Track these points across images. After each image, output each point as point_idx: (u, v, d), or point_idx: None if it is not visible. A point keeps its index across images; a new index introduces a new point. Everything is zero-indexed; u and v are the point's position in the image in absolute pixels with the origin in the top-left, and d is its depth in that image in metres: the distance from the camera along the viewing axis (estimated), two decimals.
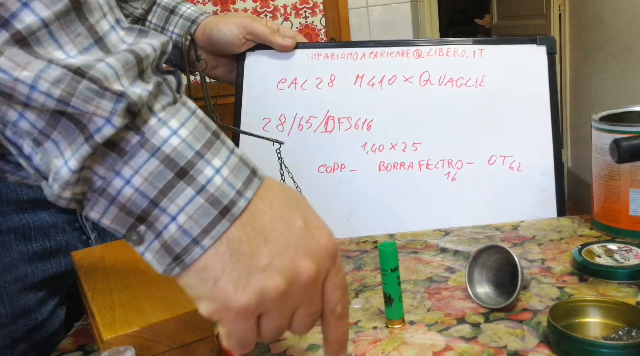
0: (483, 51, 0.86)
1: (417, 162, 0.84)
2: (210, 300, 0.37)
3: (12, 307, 0.60)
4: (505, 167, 0.83)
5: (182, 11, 0.87)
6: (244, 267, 0.36)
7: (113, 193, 0.36)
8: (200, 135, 0.37)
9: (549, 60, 0.85)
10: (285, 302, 0.38)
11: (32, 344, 0.62)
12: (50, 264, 0.65)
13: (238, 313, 0.37)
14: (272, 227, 0.38)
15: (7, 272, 0.60)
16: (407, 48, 0.88)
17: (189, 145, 0.36)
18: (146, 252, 0.37)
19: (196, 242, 0.36)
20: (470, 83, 0.85)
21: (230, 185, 0.37)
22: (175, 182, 0.35)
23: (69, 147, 0.34)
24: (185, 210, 0.35)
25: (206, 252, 0.36)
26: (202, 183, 0.36)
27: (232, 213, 0.36)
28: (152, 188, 0.35)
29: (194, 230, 0.36)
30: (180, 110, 0.37)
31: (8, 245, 0.61)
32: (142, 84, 0.35)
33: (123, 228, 0.37)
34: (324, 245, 0.40)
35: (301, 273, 0.38)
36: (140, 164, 0.35)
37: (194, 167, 0.36)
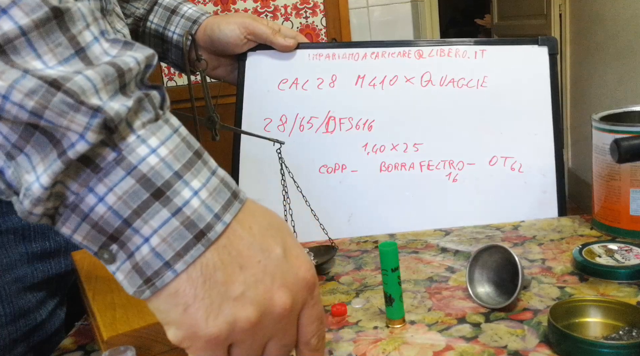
0: (484, 52, 0.86)
1: (418, 162, 0.84)
2: (179, 326, 0.36)
3: (11, 308, 0.60)
4: (507, 168, 0.83)
5: (184, 11, 0.87)
6: (216, 295, 0.35)
7: (85, 210, 0.34)
8: (180, 155, 0.36)
9: (550, 61, 0.85)
10: (257, 333, 0.37)
11: (31, 344, 0.62)
12: (50, 265, 0.65)
13: (207, 342, 0.36)
14: (249, 254, 0.37)
15: (7, 273, 0.60)
16: (409, 48, 0.87)
17: (168, 164, 0.35)
18: (117, 272, 0.36)
19: (168, 265, 0.35)
20: (471, 84, 0.85)
21: (209, 208, 0.35)
22: (150, 202, 0.34)
23: (41, 162, 0.33)
24: (158, 232, 0.34)
25: (178, 276, 0.35)
26: (178, 205, 0.35)
27: (207, 237, 0.35)
28: (125, 207, 0.34)
29: (167, 253, 0.35)
30: (162, 128, 0.36)
31: (8, 246, 0.61)
32: (122, 98, 0.34)
33: (95, 245, 0.36)
34: (302, 276, 0.39)
35: (276, 305, 0.37)
36: (115, 182, 0.34)
37: (171, 187, 0.35)
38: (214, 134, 0.72)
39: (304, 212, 0.73)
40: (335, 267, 0.72)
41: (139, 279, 0.35)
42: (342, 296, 0.64)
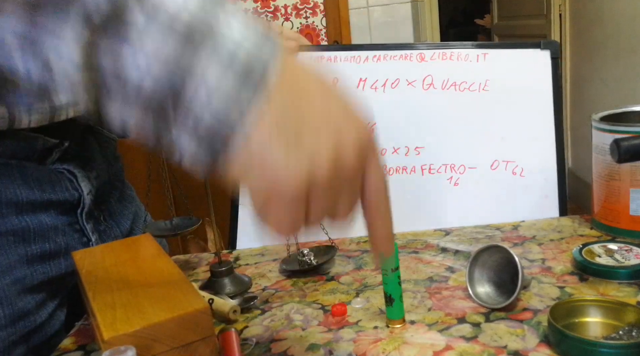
0: (486, 55, 0.86)
1: (420, 166, 0.84)
2: (260, 177, 0.33)
3: (10, 309, 0.60)
4: (508, 172, 0.83)
5: None
6: (290, 133, 0.33)
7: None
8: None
9: (552, 65, 0.85)
10: (333, 181, 0.34)
11: (30, 346, 0.62)
12: (49, 266, 0.65)
13: (291, 187, 0.33)
14: (314, 91, 0.35)
15: (6, 274, 0.60)
16: (410, 51, 0.87)
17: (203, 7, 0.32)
18: (191, 138, 0.33)
19: (236, 117, 0.32)
20: (473, 87, 0.85)
21: (257, 47, 0.33)
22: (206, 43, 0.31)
23: (65, 34, 0.30)
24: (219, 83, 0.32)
25: (253, 118, 0.32)
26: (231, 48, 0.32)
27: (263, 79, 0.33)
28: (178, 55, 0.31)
29: (231, 102, 0.32)
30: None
31: (7, 247, 0.61)
32: None
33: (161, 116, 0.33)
34: (366, 129, 0.36)
35: (348, 143, 0.34)
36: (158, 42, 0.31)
37: (215, 24, 0.32)
38: None
39: None
40: (336, 266, 0.72)
41: (218, 135, 0.33)
42: (342, 296, 0.64)
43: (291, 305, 0.63)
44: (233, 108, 0.32)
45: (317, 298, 0.64)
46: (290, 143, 0.32)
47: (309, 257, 0.72)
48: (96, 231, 0.71)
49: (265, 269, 0.74)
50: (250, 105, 0.32)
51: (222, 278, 0.66)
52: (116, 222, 0.74)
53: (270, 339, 0.56)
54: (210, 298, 0.60)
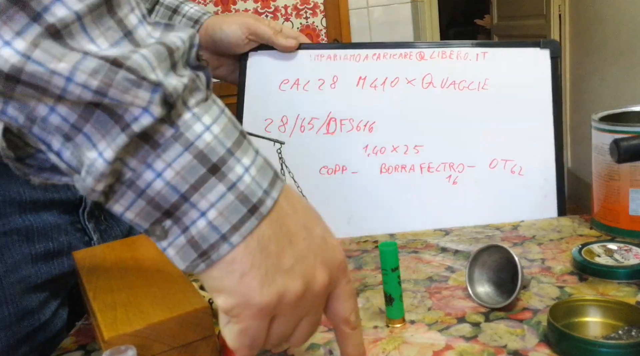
0: (486, 54, 0.86)
1: (419, 164, 0.84)
2: (233, 294, 0.37)
3: (15, 308, 0.60)
4: (507, 171, 0.83)
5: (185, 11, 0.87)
6: (270, 265, 0.37)
7: (142, 186, 0.35)
8: (230, 133, 0.37)
9: (552, 64, 0.85)
10: (299, 307, 0.39)
11: (34, 345, 0.63)
12: (52, 265, 0.65)
13: (259, 311, 0.37)
14: (296, 230, 0.38)
15: (10, 273, 0.60)
16: (410, 50, 0.87)
17: (221, 142, 0.36)
18: (169, 248, 0.37)
19: (225, 238, 0.36)
20: (472, 86, 0.85)
21: (258, 184, 0.37)
22: (207, 177, 0.35)
23: (103, 139, 0.34)
24: (216, 206, 0.35)
25: (235, 248, 0.36)
26: (233, 180, 0.36)
27: (260, 211, 0.37)
28: (183, 182, 0.35)
29: (224, 226, 0.36)
30: (212, 107, 0.37)
31: (11, 247, 0.61)
32: (175, 76, 0.35)
33: (147, 222, 0.36)
34: (338, 257, 0.41)
35: (317, 281, 0.39)
36: (173, 158, 0.35)
37: (225, 163, 0.36)
38: None
39: None
40: None
41: (193, 253, 0.36)
42: None
43: None
44: (226, 226, 0.36)
45: None
46: (267, 278, 0.37)
47: None
48: (97, 230, 0.71)
49: None
50: (242, 228, 0.36)
51: None
52: (117, 222, 0.74)
53: None
54: (210, 297, 0.60)
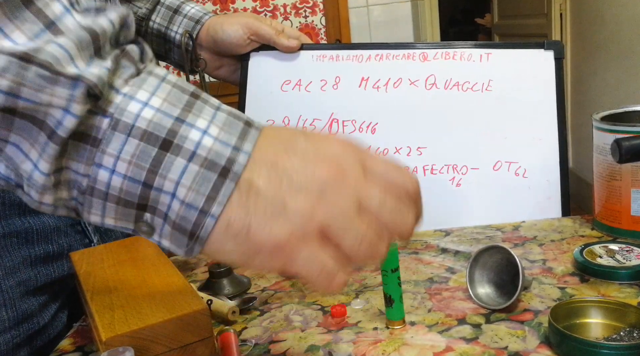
0: (490, 55, 0.85)
1: (422, 166, 0.84)
2: (258, 252, 0.34)
3: (14, 311, 0.60)
4: (511, 173, 0.82)
5: (186, 11, 0.87)
6: (269, 203, 0.33)
7: (103, 189, 0.33)
8: (176, 100, 0.34)
9: (556, 66, 0.84)
10: (335, 203, 0.34)
11: (34, 348, 0.62)
12: (52, 268, 0.64)
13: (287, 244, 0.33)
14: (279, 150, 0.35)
15: (10, 276, 0.60)
16: (413, 51, 0.87)
17: (165, 113, 0.33)
18: (162, 240, 0.35)
19: (204, 212, 0.33)
20: (476, 87, 0.85)
21: (224, 143, 0.33)
22: (161, 156, 0.32)
23: (32, 148, 0.31)
24: (181, 182, 0.33)
25: (220, 218, 0.33)
26: (191, 149, 0.33)
27: (234, 172, 0.33)
28: (140, 170, 0.32)
29: (198, 200, 0.33)
30: (147, 79, 0.34)
31: (10, 249, 0.61)
32: (99, 61, 0.32)
33: (129, 222, 0.34)
34: (339, 140, 0.36)
35: (325, 171, 0.34)
36: (118, 149, 0.32)
37: (177, 134, 0.33)
38: None
39: None
40: None
41: (183, 237, 0.34)
42: (342, 297, 0.64)
43: (290, 306, 0.63)
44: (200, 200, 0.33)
45: (316, 299, 0.64)
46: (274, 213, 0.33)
47: None
48: (97, 232, 0.70)
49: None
50: (219, 196, 0.33)
51: (221, 279, 0.66)
52: None
53: (269, 340, 0.56)
54: (209, 299, 0.60)
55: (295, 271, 0.34)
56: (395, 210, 0.36)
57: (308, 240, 0.34)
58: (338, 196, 0.34)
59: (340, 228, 0.34)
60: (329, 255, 0.34)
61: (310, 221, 0.33)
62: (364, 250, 0.35)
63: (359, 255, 0.35)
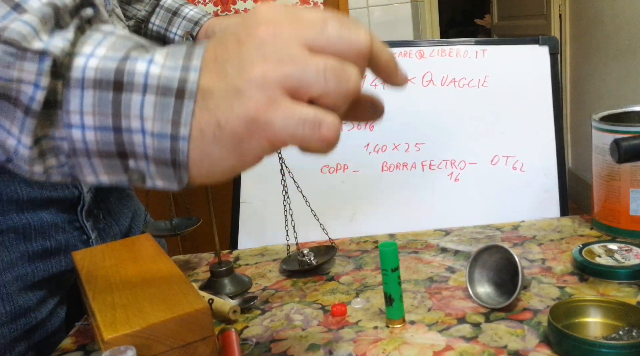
0: (485, 51, 0.86)
1: (420, 162, 0.85)
2: (238, 140, 0.33)
3: (12, 306, 0.60)
4: (508, 167, 0.83)
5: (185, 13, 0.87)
6: (225, 94, 0.33)
7: (82, 147, 0.34)
8: (120, 46, 0.34)
9: (551, 61, 0.85)
10: (281, 54, 0.32)
11: (32, 343, 0.63)
12: (50, 263, 0.65)
13: (264, 110, 0.32)
14: (224, 47, 0.34)
15: (7, 271, 0.61)
16: (410, 49, 0.88)
17: (110, 57, 0.33)
18: (155, 182, 0.35)
19: (175, 137, 0.33)
20: (472, 83, 0.85)
21: (171, 67, 0.33)
22: (117, 97, 0.33)
23: (13, 125, 0.33)
24: (144, 116, 0.33)
25: (191, 136, 0.33)
26: (141, 81, 0.33)
27: (189, 90, 0.33)
28: (104, 117, 0.33)
29: (165, 128, 0.33)
30: (93, 34, 0.34)
31: (8, 245, 0.61)
32: (61, 33, 0.33)
33: (121, 174, 0.35)
34: (273, 6, 0.34)
35: (259, 27, 0.33)
36: (78, 104, 0.33)
37: (124, 71, 0.33)
38: None
39: (305, 212, 0.73)
40: (335, 267, 0.72)
41: (168, 169, 0.34)
42: (342, 296, 0.64)
43: (291, 305, 0.63)
44: (167, 127, 0.33)
45: (317, 298, 0.64)
46: (235, 92, 0.32)
47: (309, 257, 0.72)
48: (96, 229, 0.71)
49: (265, 269, 0.74)
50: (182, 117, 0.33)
51: (222, 278, 0.66)
52: (115, 220, 0.74)
53: (270, 339, 0.56)
54: (210, 298, 0.60)
55: (281, 139, 0.33)
56: (344, 28, 0.34)
57: (276, 103, 0.32)
58: (280, 46, 0.33)
59: (297, 73, 0.33)
60: (305, 106, 0.33)
61: (265, 84, 0.32)
62: (333, 80, 0.33)
63: (331, 89, 0.33)
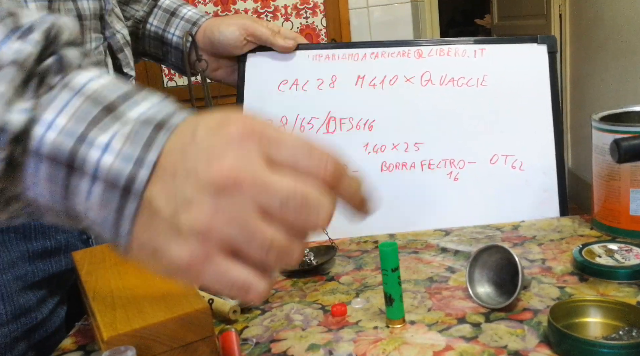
0: (484, 51, 0.86)
1: (419, 162, 0.84)
2: (171, 271, 0.33)
3: (12, 306, 0.61)
4: (507, 166, 0.83)
5: (183, 13, 0.87)
6: (167, 223, 0.32)
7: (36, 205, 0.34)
8: (83, 116, 0.33)
9: (549, 59, 0.85)
10: (232, 215, 0.31)
11: (32, 343, 0.63)
12: (50, 263, 0.65)
13: (198, 264, 0.32)
14: (177, 159, 0.32)
15: (8, 271, 0.61)
16: (408, 48, 0.88)
17: (69, 133, 0.32)
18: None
19: (117, 227, 0.33)
20: (471, 83, 0.85)
21: (126, 157, 0.32)
22: (68, 178, 0.33)
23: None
24: (90, 203, 0.33)
25: (131, 237, 0.33)
26: (90, 171, 0.32)
27: (134, 191, 0.32)
28: (55, 188, 0.33)
29: (109, 220, 0.33)
30: (58, 96, 0.33)
31: (8, 244, 0.61)
32: (21, 103, 0.33)
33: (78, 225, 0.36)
34: (234, 130, 0.32)
35: (215, 178, 0.31)
36: (33, 172, 0.33)
37: (76, 156, 0.32)
38: None
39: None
40: (335, 267, 0.72)
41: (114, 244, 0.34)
42: (342, 296, 0.64)
43: (291, 305, 0.63)
44: (110, 214, 0.33)
45: (317, 298, 0.64)
46: (173, 235, 0.32)
47: (309, 257, 0.72)
48: None
49: None
50: (123, 214, 0.32)
51: None
52: None
53: (270, 339, 0.56)
54: (210, 298, 0.60)
55: (209, 286, 0.33)
56: (303, 205, 0.32)
57: (211, 258, 0.32)
58: (234, 206, 0.31)
59: (243, 240, 0.32)
60: (238, 268, 0.32)
61: (207, 240, 0.32)
62: (275, 255, 0.32)
63: (271, 261, 0.33)
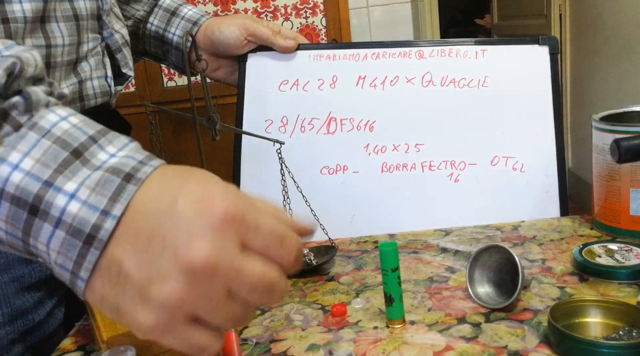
0: (485, 52, 0.86)
1: (420, 163, 0.84)
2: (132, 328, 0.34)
3: (8, 308, 0.60)
4: (508, 167, 0.83)
5: (184, 13, 0.87)
6: (133, 286, 0.33)
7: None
8: (51, 160, 0.33)
9: (551, 61, 0.85)
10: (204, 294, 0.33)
11: (29, 345, 0.62)
12: None
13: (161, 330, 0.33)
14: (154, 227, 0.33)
15: (5, 272, 0.60)
16: (409, 49, 0.87)
17: (35, 176, 0.33)
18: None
19: (75, 275, 0.33)
20: (472, 84, 0.85)
21: (92, 207, 0.33)
22: (31, 221, 0.33)
23: None
24: (50, 247, 0.33)
25: (89, 284, 0.33)
26: (56, 216, 0.33)
27: (99, 239, 0.33)
28: (16, 229, 0.34)
29: (67, 264, 0.33)
30: (25, 136, 0.34)
31: None
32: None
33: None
34: (216, 214, 0.33)
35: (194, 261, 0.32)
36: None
37: (42, 200, 0.33)
38: (214, 134, 0.73)
39: (305, 212, 0.73)
40: (336, 267, 0.72)
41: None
42: (342, 296, 0.64)
43: (291, 305, 0.63)
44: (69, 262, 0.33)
45: (317, 299, 0.64)
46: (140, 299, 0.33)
47: (309, 257, 0.72)
48: None
49: None
50: (84, 260, 0.33)
51: None
52: None
53: (270, 339, 0.56)
54: None
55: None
56: (267, 290, 0.34)
57: (174, 328, 0.33)
58: (207, 288, 0.33)
59: (208, 312, 0.34)
60: (198, 333, 0.34)
61: (176, 313, 0.33)
62: (232, 324, 0.35)
63: (228, 327, 0.36)
